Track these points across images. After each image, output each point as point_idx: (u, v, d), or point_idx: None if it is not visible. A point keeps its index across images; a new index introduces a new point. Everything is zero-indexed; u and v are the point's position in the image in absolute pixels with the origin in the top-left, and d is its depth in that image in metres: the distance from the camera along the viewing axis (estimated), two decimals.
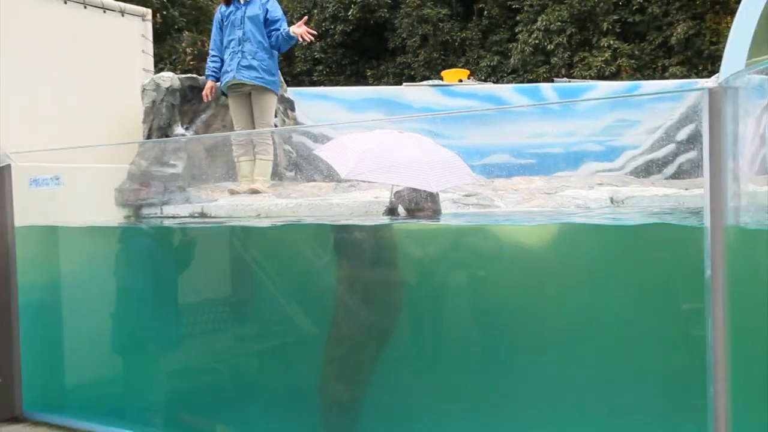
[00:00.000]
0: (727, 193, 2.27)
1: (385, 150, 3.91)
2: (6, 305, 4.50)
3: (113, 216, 5.76)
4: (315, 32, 6.12)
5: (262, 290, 4.39)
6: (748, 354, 2.30)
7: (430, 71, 16.66)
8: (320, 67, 19.38)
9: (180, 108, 6.45)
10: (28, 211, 4.69)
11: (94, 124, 6.19)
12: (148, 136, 6.32)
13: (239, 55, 5.62)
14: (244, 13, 5.64)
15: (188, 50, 18.47)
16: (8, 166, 4.57)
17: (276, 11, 5.74)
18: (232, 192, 5.73)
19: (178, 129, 6.41)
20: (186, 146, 6.16)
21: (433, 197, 4.28)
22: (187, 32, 17.21)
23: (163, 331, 4.60)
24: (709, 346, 2.36)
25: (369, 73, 18.88)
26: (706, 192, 2.32)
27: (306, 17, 6.20)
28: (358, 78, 18.81)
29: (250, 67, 5.61)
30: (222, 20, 5.80)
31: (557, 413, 3.22)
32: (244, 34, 5.62)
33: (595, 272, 3.37)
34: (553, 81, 10.04)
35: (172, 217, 5.63)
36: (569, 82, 9.32)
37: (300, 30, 5.70)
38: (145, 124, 6.37)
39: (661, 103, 7.34)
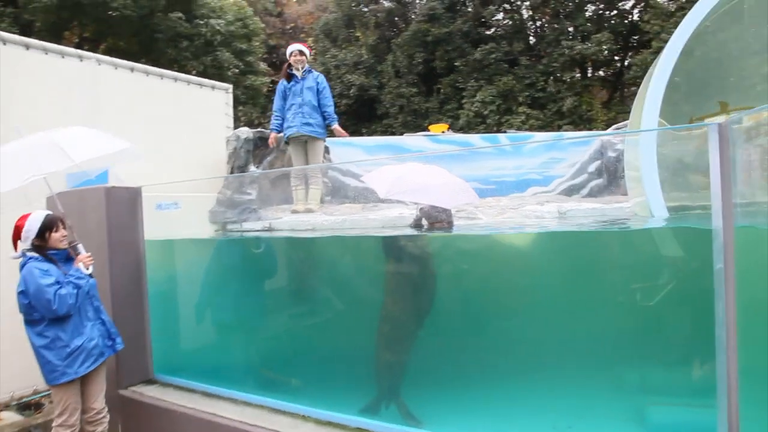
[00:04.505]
0: (732, 202, 1.88)
1: (413, 177, 3.48)
2: (139, 296, 4.01)
3: (207, 230, 5.29)
4: (348, 134, 5.90)
5: (326, 285, 3.90)
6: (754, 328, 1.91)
7: (406, 129, 16.31)
8: None
9: (253, 153, 5.99)
10: (152, 228, 4.16)
11: (193, 164, 5.74)
12: (231, 173, 5.88)
13: (300, 115, 5.14)
14: (303, 85, 5.19)
15: (242, 119, 18.04)
16: (140, 190, 4.02)
17: (323, 82, 5.29)
18: (294, 211, 5.27)
19: (252, 167, 5.95)
20: (258, 179, 5.72)
21: (447, 212, 3.86)
22: (242, 106, 16.72)
23: (247, 313, 4.09)
24: (720, 323, 1.90)
25: (364, 131, 18.36)
26: (717, 201, 1.87)
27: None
28: (356, 135, 18.40)
29: (308, 124, 5.15)
30: (285, 90, 5.31)
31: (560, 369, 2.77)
32: (303, 100, 5.16)
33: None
34: (505, 132, 9.75)
35: (249, 231, 5.18)
36: (516, 132, 9.02)
37: (340, 133, 5.50)
38: (229, 164, 5.96)
39: (577, 147, 7.03)
